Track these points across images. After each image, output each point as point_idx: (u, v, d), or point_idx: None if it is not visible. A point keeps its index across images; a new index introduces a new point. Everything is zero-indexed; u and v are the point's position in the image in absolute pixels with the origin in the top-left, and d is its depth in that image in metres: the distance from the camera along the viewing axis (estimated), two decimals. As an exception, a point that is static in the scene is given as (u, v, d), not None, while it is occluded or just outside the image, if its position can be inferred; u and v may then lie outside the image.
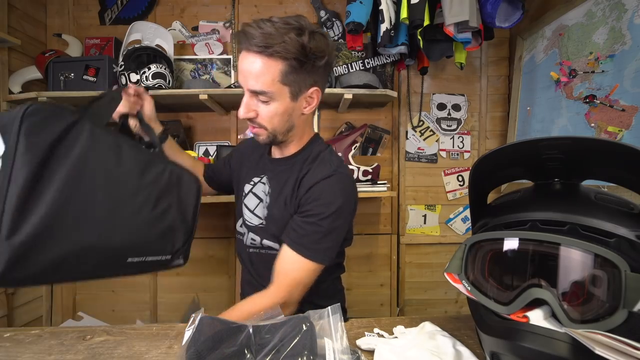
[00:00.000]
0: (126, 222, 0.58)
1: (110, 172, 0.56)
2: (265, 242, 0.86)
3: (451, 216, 1.90)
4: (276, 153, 0.91)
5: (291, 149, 0.87)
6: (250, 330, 0.48)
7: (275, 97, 0.72)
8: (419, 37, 1.42)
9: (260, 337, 0.47)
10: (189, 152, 1.56)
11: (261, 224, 0.87)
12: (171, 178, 0.68)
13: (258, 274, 0.88)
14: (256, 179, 0.91)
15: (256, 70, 0.69)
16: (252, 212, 0.88)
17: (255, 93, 0.72)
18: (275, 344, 0.45)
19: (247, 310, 0.72)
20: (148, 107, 0.86)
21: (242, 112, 0.75)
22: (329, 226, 0.75)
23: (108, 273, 0.58)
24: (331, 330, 0.50)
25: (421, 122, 1.88)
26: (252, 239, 0.88)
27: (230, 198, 1.56)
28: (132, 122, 0.82)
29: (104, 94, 0.64)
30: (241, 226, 0.93)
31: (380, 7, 1.44)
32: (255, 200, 0.89)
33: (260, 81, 0.69)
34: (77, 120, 0.52)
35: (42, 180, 0.47)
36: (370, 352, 0.53)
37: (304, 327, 0.47)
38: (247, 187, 0.92)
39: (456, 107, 1.88)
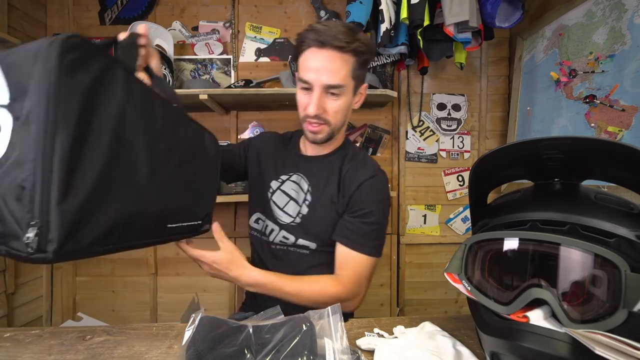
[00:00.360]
0: (166, 184, 0.54)
1: (148, 128, 0.50)
2: (301, 241, 0.86)
3: (451, 216, 1.90)
4: (309, 150, 0.91)
5: (327, 147, 0.89)
6: (250, 330, 0.48)
7: (345, 91, 0.78)
8: (419, 37, 1.42)
9: (260, 337, 0.47)
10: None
11: (293, 222, 0.87)
12: (196, 136, 0.64)
13: (280, 271, 0.86)
14: (284, 177, 0.90)
15: (334, 65, 0.74)
16: (282, 209, 0.88)
17: (328, 87, 0.75)
18: (275, 344, 0.45)
19: (316, 291, 0.75)
20: (155, 62, 0.77)
21: (313, 109, 0.76)
22: (380, 223, 0.83)
23: (150, 240, 0.54)
24: (331, 330, 0.50)
25: (421, 122, 1.88)
26: (284, 237, 0.87)
27: (230, 198, 1.57)
28: (142, 76, 0.73)
29: (123, 40, 0.57)
30: (257, 221, 0.93)
31: (380, 7, 1.44)
32: (285, 198, 0.88)
33: (338, 76, 0.74)
34: (112, 62, 0.45)
35: (90, 133, 0.41)
36: (370, 352, 0.53)
37: (304, 327, 0.47)
38: (275, 184, 0.91)
39: (456, 107, 1.88)
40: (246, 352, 0.45)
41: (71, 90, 0.39)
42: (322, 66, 0.74)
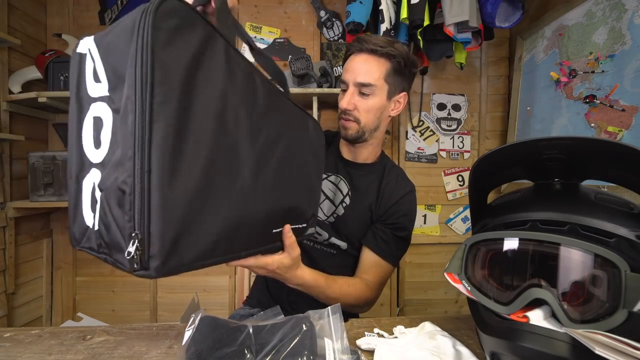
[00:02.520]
0: (271, 182, 0.48)
1: (251, 114, 0.43)
2: (334, 240, 0.89)
3: (451, 216, 1.90)
4: (349, 156, 0.94)
5: (367, 156, 0.93)
6: (250, 330, 0.48)
7: (377, 92, 0.82)
8: (419, 37, 1.42)
9: (260, 337, 0.47)
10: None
11: (327, 220, 0.89)
12: (301, 124, 0.57)
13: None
14: (323, 176, 0.91)
15: (367, 66, 0.81)
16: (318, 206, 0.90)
17: (360, 86, 0.81)
18: (275, 344, 0.45)
19: (353, 296, 0.79)
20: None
21: (345, 102, 0.83)
22: (408, 238, 0.90)
23: (256, 250, 0.49)
24: (331, 330, 0.50)
25: (421, 122, 1.88)
26: (318, 233, 0.89)
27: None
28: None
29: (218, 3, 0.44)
30: None
31: (380, 7, 1.44)
32: (322, 196, 0.90)
33: (369, 75, 0.81)
34: (212, 32, 0.37)
35: (192, 122, 0.34)
36: (370, 352, 0.53)
37: (304, 327, 0.47)
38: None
39: (456, 107, 1.88)
40: (246, 352, 0.45)
41: (169, 70, 0.32)
42: (357, 67, 0.82)
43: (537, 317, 0.41)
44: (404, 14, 1.39)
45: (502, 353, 0.41)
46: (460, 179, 1.89)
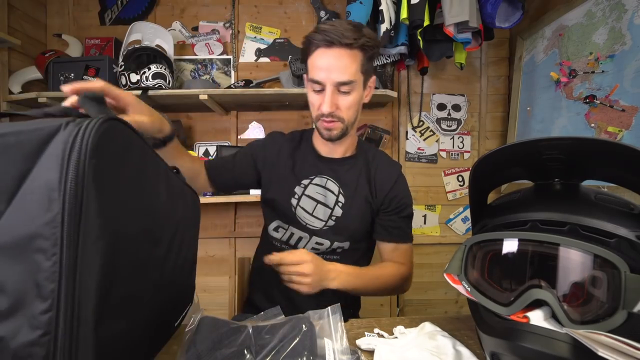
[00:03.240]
0: (174, 279, 0.49)
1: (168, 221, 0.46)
2: (337, 244, 0.87)
3: (451, 216, 1.89)
4: (328, 151, 0.91)
5: (347, 148, 0.91)
6: (250, 330, 0.47)
7: (356, 87, 0.79)
8: (419, 37, 1.42)
9: (260, 337, 0.47)
10: (190, 152, 1.55)
11: (325, 225, 0.87)
12: (187, 202, 0.56)
13: None
14: (306, 181, 0.89)
15: (343, 62, 0.75)
16: (311, 214, 0.87)
17: (340, 84, 0.77)
18: (275, 345, 0.45)
19: (390, 274, 0.85)
20: (131, 100, 0.61)
21: (327, 107, 0.78)
22: (412, 214, 0.92)
23: (161, 345, 0.51)
24: (331, 331, 0.50)
25: (421, 122, 1.88)
26: (317, 243, 0.87)
27: (230, 198, 1.57)
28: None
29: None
30: (278, 229, 0.91)
31: (380, 8, 1.44)
32: (313, 203, 0.88)
33: (348, 72, 0.76)
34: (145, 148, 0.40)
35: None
36: (370, 352, 0.53)
37: (304, 328, 0.47)
38: (299, 190, 0.88)
39: (456, 107, 1.88)
40: (246, 352, 0.45)
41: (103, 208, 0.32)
42: (332, 64, 0.75)
43: (537, 318, 0.41)
44: (404, 14, 1.39)
45: (503, 353, 0.41)
46: (460, 179, 1.89)
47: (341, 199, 0.88)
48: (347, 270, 0.77)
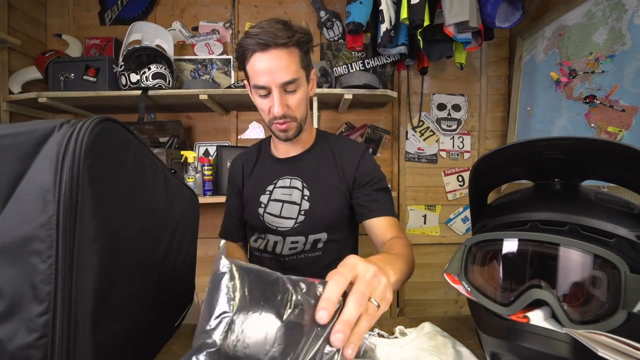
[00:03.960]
0: (173, 279, 0.50)
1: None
2: (312, 237, 0.86)
3: (451, 216, 1.89)
4: (288, 153, 0.92)
5: (305, 141, 0.91)
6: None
7: (301, 83, 0.79)
8: (419, 38, 1.42)
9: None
10: (189, 152, 1.56)
11: (296, 222, 0.86)
12: (185, 204, 0.58)
13: None
14: (270, 187, 0.90)
15: (283, 62, 0.75)
16: (279, 216, 0.87)
17: (285, 84, 0.76)
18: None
19: (404, 252, 0.71)
20: None
21: (278, 109, 0.77)
22: (388, 187, 0.90)
23: (161, 345, 0.52)
24: None
25: (421, 122, 1.88)
26: (292, 242, 0.87)
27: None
28: None
29: None
30: (257, 240, 0.92)
31: (380, 7, 1.44)
32: (278, 204, 0.88)
33: (290, 71, 0.75)
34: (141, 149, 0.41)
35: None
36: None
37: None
38: (265, 198, 0.90)
39: (456, 108, 1.88)
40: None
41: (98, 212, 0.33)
42: (272, 66, 0.74)
43: (537, 318, 0.41)
44: (404, 14, 1.39)
45: (503, 353, 0.41)
46: (460, 179, 1.89)
47: (306, 192, 0.87)
48: (380, 257, 0.61)
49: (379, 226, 0.84)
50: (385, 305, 0.40)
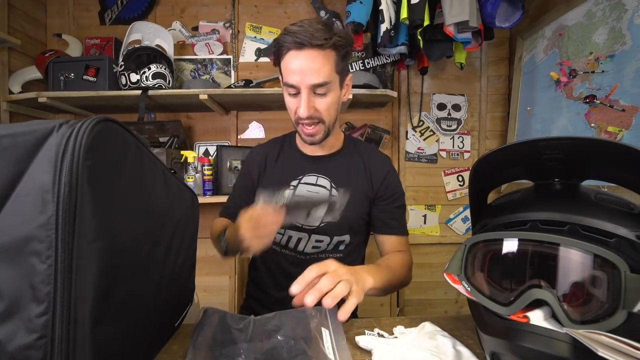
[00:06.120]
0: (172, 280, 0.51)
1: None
2: (336, 238, 0.87)
3: (451, 216, 1.89)
4: (315, 152, 0.91)
5: (333, 144, 0.91)
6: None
7: (332, 87, 0.77)
8: (419, 37, 1.42)
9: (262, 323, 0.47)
10: (189, 152, 1.56)
11: (322, 222, 0.86)
12: (185, 203, 0.58)
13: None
14: (295, 182, 0.88)
15: (317, 64, 0.73)
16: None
17: (315, 87, 0.75)
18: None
19: (395, 265, 0.81)
20: None
21: (305, 111, 0.76)
22: (405, 204, 0.94)
23: (161, 346, 0.53)
24: (328, 323, 0.50)
25: (421, 122, 1.88)
26: (317, 240, 0.87)
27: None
28: None
29: None
30: (276, 235, 0.89)
31: (380, 7, 1.44)
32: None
33: (322, 73, 0.74)
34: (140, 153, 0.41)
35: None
36: (370, 352, 0.53)
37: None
38: (288, 192, 0.87)
39: (456, 107, 1.88)
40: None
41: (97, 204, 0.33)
42: (305, 67, 0.73)
43: (537, 318, 0.41)
44: (404, 14, 1.39)
45: (503, 353, 0.41)
46: (460, 179, 1.89)
47: (334, 192, 0.87)
48: (366, 268, 0.69)
49: (390, 243, 0.89)
50: (349, 297, 0.55)
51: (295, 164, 0.91)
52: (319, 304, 0.51)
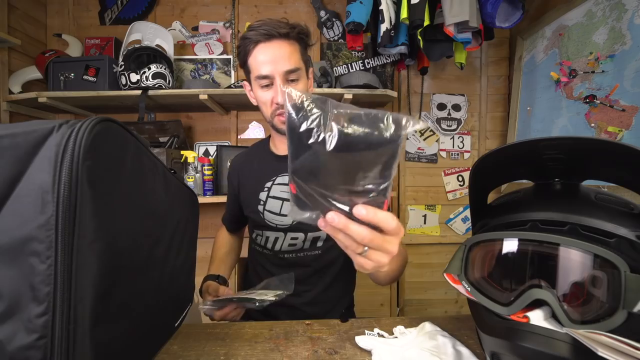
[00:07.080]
0: (172, 278, 0.50)
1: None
2: (311, 234, 0.86)
3: (451, 216, 1.89)
4: (285, 150, 0.90)
5: None
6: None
7: (302, 74, 0.80)
8: (419, 37, 1.42)
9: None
10: (189, 152, 1.56)
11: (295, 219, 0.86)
12: (184, 201, 0.58)
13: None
14: (269, 183, 0.90)
15: (286, 51, 0.77)
16: (279, 214, 0.87)
17: (288, 73, 0.77)
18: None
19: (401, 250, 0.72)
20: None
21: (280, 97, 0.77)
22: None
23: (161, 346, 0.52)
24: None
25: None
26: (292, 238, 0.87)
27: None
28: None
29: None
30: (257, 237, 0.92)
31: (380, 7, 1.44)
32: (277, 202, 0.88)
33: (293, 60, 0.77)
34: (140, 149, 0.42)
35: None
36: (369, 352, 0.53)
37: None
38: (263, 195, 0.89)
39: (456, 107, 1.88)
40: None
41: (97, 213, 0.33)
42: (276, 55, 0.76)
43: (537, 318, 0.41)
44: (404, 14, 1.39)
45: (503, 353, 0.41)
46: (460, 179, 1.89)
47: None
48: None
49: None
50: (382, 256, 0.41)
51: (269, 167, 0.91)
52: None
